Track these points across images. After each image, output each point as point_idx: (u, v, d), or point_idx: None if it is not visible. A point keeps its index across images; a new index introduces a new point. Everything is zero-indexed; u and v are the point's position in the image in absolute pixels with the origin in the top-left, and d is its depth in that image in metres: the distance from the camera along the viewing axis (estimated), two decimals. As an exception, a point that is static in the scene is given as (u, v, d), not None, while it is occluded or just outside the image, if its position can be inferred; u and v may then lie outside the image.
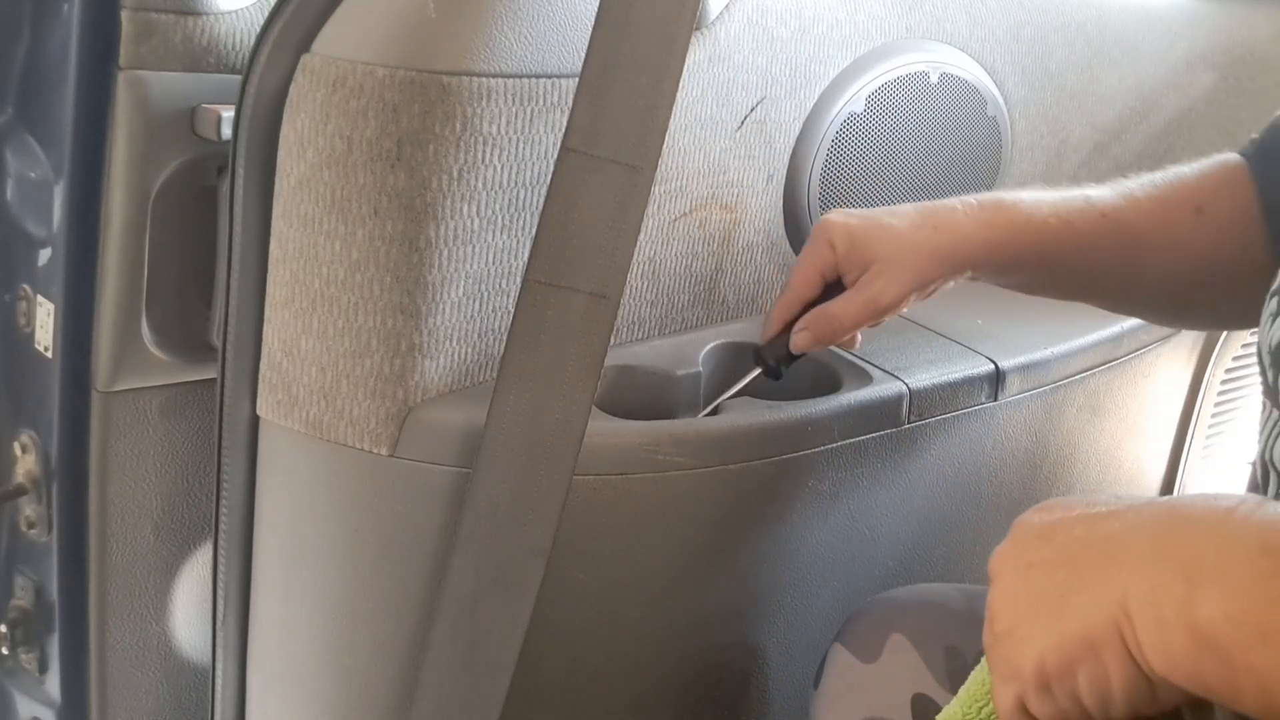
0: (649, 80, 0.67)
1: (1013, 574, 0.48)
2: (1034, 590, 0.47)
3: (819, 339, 0.78)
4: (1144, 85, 1.10)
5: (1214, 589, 0.41)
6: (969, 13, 0.96)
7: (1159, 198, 0.79)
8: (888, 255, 0.76)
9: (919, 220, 0.76)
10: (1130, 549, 0.44)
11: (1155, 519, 0.45)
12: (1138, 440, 1.15)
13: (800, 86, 0.86)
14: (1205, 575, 0.41)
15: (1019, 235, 0.77)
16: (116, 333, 0.78)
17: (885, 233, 0.76)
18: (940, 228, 0.76)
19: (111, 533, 0.83)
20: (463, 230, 0.70)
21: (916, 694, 0.70)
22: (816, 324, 0.78)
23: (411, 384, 0.71)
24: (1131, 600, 0.43)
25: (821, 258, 0.78)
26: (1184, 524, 0.44)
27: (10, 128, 0.79)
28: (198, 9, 0.74)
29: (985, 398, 0.92)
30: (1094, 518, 0.47)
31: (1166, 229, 0.78)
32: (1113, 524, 0.46)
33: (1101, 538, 0.46)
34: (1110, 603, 0.43)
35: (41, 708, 0.89)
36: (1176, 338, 1.11)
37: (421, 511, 0.73)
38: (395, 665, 0.75)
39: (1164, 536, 0.44)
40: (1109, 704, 0.44)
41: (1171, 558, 0.43)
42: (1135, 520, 0.45)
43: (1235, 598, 0.40)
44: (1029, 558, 0.48)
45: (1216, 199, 0.77)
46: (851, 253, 0.76)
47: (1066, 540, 0.47)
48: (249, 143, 0.70)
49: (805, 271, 0.78)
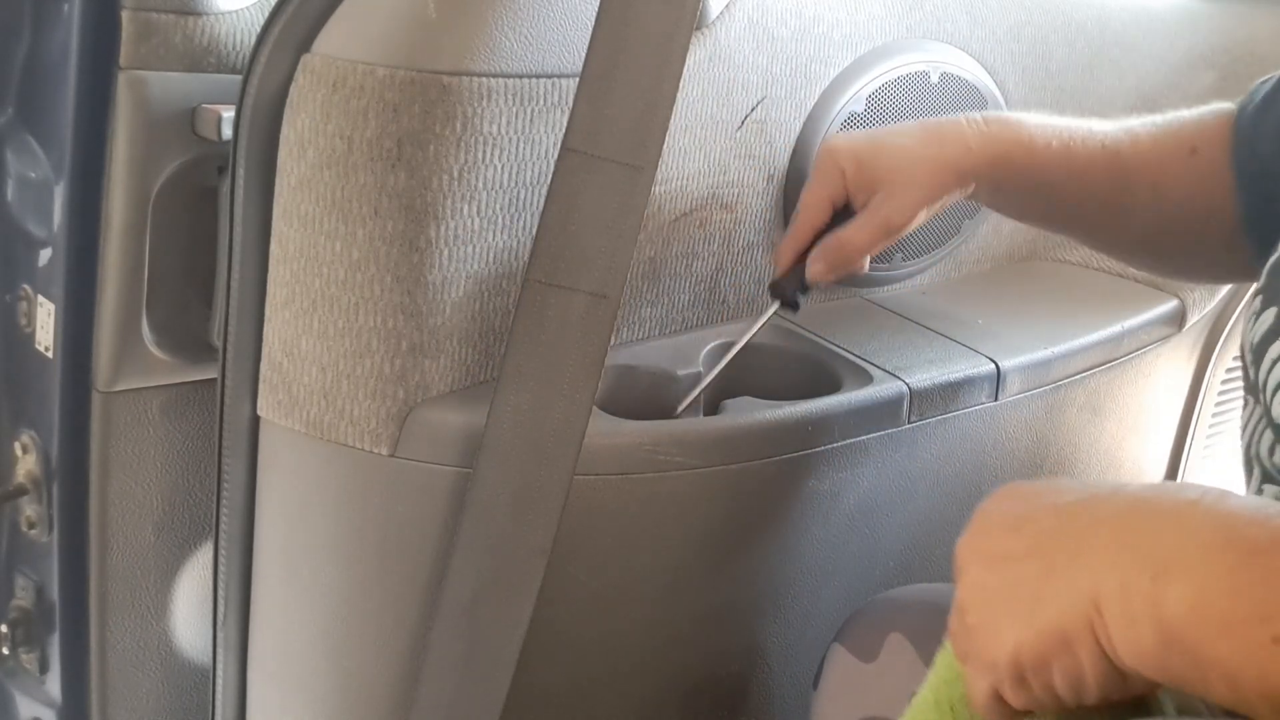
0: (649, 80, 0.67)
1: (982, 566, 0.49)
2: (1006, 584, 0.47)
3: (835, 267, 0.78)
4: (1144, 85, 1.10)
5: (1179, 583, 0.41)
6: (969, 12, 0.96)
7: (1157, 135, 0.80)
8: (896, 174, 0.76)
9: (924, 136, 0.77)
10: (1099, 543, 0.45)
11: (1121, 512, 0.45)
12: (1138, 440, 1.15)
13: (801, 86, 0.86)
14: (1171, 570, 0.42)
15: (1021, 152, 0.77)
16: (117, 333, 0.78)
17: (892, 151, 0.76)
18: (946, 142, 0.77)
19: (112, 533, 0.83)
20: (463, 230, 0.70)
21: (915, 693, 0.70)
22: (831, 252, 0.78)
23: (412, 384, 0.71)
24: (1101, 596, 0.43)
25: (831, 183, 0.77)
26: (1149, 517, 0.44)
27: (11, 128, 0.79)
28: (198, 9, 0.74)
29: (986, 397, 0.92)
30: (1062, 510, 0.47)
31: (1160, 166, 0.79)
32: (1081, 517, 0.46)
33: (1071, 531, 0.46)
34: (1081, 598, 0.44)
35: (42, 708, 0.89)
36: (1177, 338, 1.11)
37: (422, 511, 0.73)
38: (395, 665, 0.75)
39: (1130, 530, 0.44)
40: (1083, 692, 0.45)
41: (1138, 552, 0.43)
42: (1103, 513, 0.46)
43: (1199, 591, 0.41)
44: (998, 550, 0.48)
45: (1210, 143, 0.79)
46: (860, 175, 0.76)
47: (1036, 532, 0.47)
48: (249, 143, 0.70)
49: (814, 199, 0.78)
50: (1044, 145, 0.78)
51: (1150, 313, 1.06)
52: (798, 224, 0.79)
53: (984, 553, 0.49)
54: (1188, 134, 0.80)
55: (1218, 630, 0.40)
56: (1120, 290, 1.07)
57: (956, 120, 0.78)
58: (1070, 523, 0.46)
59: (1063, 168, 0.79)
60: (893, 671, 0.72)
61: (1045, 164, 0.78)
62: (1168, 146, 0.80)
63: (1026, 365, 0.94)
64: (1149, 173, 0.80)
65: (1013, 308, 1.01)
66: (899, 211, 0.76)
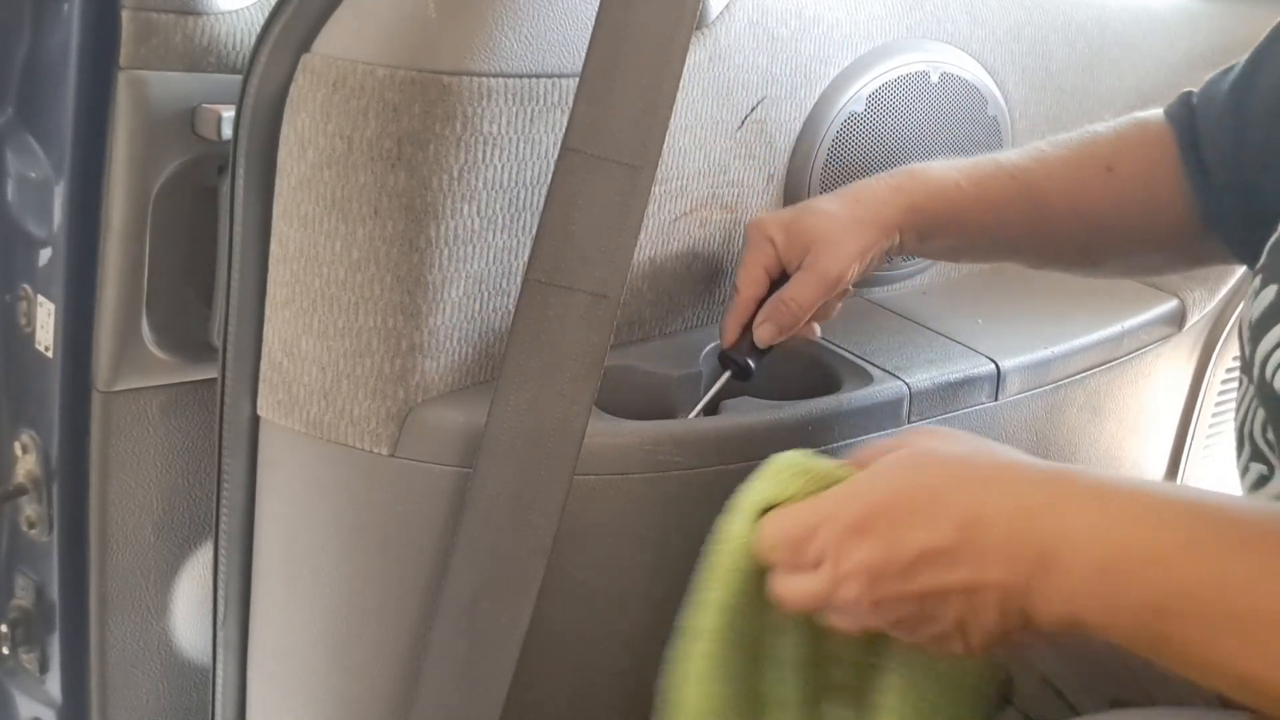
0: (649, 80, 0.67)
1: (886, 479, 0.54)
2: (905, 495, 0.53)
3: (781, 327, 0.79)
4: (1144, 85, 1.10)
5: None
6: (969, 12, 0.96)
7: (1069, 157, 0.83)
8: (825, 234, 0.78)
9: (843, 200, 0.80)
10: (987, 537, 0.50)
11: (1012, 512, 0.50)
12: (1138, 440, 1.15)
13: (801, 86, 0.86)
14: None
15: (933, 198, 0.81)
16: (117, 332, 0.78)
17: (816, 216, 0.79)
18: (860, 200, 0.80)
19: (112, 532, 0.83)
20: (463, 230, 0.70)
21: None
22: (774, 312, 0.79)
23: (412, 384, 0.71)
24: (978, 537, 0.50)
25: (764, 254, 0.80)
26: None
27: (11, 127, 0.79)
28: (198, 9, 0.74)
29: (986, 397, 0.92)
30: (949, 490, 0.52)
31: (1077, 187, 0.82)
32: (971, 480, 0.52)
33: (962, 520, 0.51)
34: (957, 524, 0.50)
35: (42, 708, 0.89)
36: (1177, 338, 1.11)
37: (422, 511, 0.73)
38: (395, 665, 0.75)
39: (1019, 531, 0.50)
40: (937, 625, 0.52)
41: (1023, 554, 0.49)
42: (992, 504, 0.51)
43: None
44: (896, 503, 0.53)
45: (1130, 158, 0.81)
46: (790, 241, 0.79)
47: (933, 505, 0.52)
48: (249, 143, 0.70)
49: (750, 271, 0.80)
50: (954, 187, 0.81)
51: (1150, 313, 1.06)
52: (736, 298, 0.81)
53: (884, 509, 0.53)
54: (1104, 152, 0.82)
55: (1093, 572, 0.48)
56: (1120, 290, 1.07)
57: (869, 182, 0.82)
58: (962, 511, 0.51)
59: (977, 205, 0.81)
60: None
61: (958, 205, 0.81)
62: (1082, 165, 0.82)
63: (1026, 365, 0.94)
64: (1066, 196, 0.82)
65: (1013, 308, 1.01)
66: (833, 263, 0.78)
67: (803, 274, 0.78)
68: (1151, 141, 0.81)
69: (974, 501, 0.51)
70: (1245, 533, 0.46)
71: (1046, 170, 0.82)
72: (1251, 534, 0.46)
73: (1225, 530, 0.47)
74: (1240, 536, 0.46)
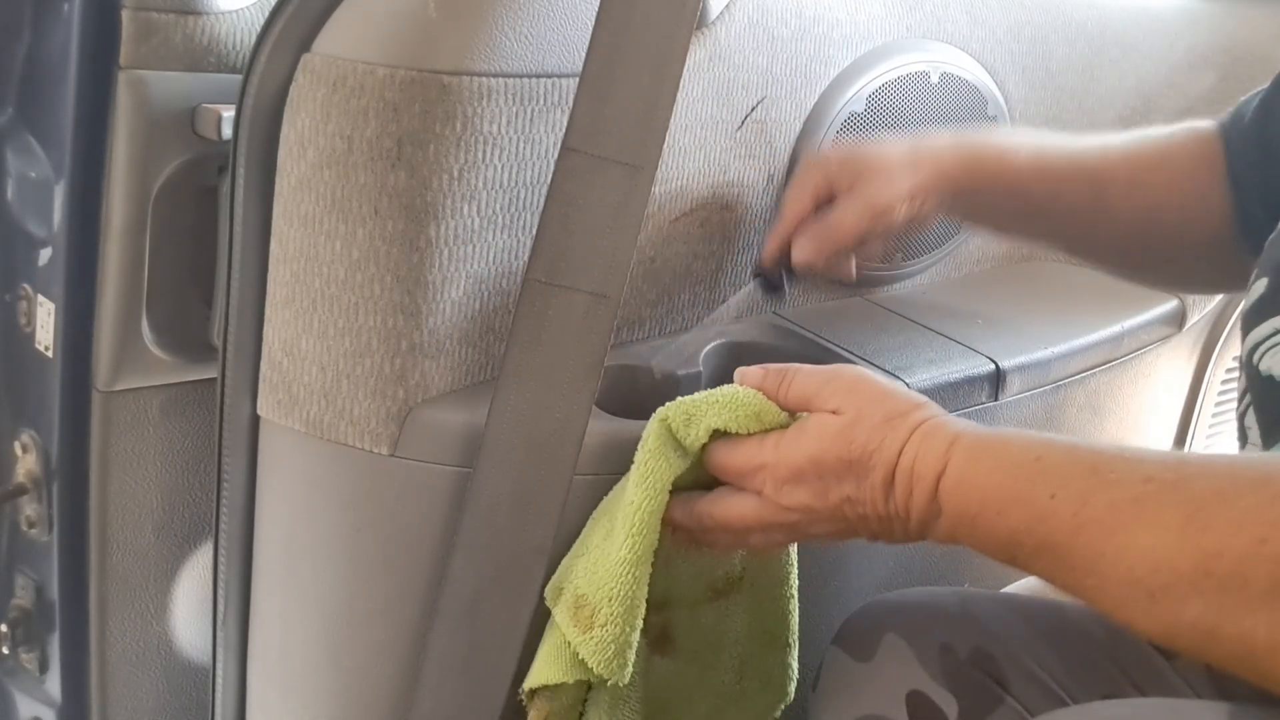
0: (649, 80, 0.67)
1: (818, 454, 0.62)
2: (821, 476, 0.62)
3: (819, 248, 0.79)
4: (1144, 85, 1.10)
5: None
6: (969, 12, 0.96)
7: (1127, 147, 0.84)
8: (878, 164, 0.79)
9: (902, 143, 0.81)
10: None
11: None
12: (1138, 440, 1.15)
13: (801, 86, 0.86)
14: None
15: (992, 155, 0.82)
16: (117, 332, 0.78)
17: (872, 148, 0.80)
18: (922, 145, 0.81)
19: (112, 532, 0.83)
20: (463, 230, 0.70)
21: (911, 691, 0.70)
22: (816, 233, 0.79)
23: (412, 383, 0.71)
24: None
25: (811, 180, 0.80)
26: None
27: (11, 127, 0.79)
28: (198, 9, 0.74)
29: (986, 397, 0.92)
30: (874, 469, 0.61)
31: (1133, 173, 0.83)
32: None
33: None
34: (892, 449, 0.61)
35: (42, 707, 0.89)
36: (1177, 338, 1.11)
37: (422, 511, 0.73)
38: (395, 665, 0.75)
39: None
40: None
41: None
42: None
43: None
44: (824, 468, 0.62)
45: (1182, 156, 0.83)
46: (842, 167, 0.79)
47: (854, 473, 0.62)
48: (249, 142, 0.70)
49: (795, 193, 0.80)
50: (1013, 150, 0.81)
51: (1150, 313, 1.06)
52: (780, 221, 0.81)
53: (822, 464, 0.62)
54: (1160, 147, 0.84)
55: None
56: (1120, 290, 1.07)
57: (931, 136, 0.82)
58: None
59: (1035, 173, 0.81)
60: (887, 669, 0.72)
61: (1018, 169, 0.81)
62: (1140, 157, 0.83)
63: (1026, 365, 0.94)
64: (1122, 181, 0.83)
65: (1013, 308, 1.01)
66: (881, 190, 0.78)
67: (849, 199, 0.78)
68: (1202, 144, 0.83)
69: (887, 459, 0.61)
70: (1116, 490, 0.53)
71: (1104, 154, 0.83)
72: (1118, 484, 0.53)
73: (1094, 483, 0.53)
74: (1104, 484, 0.53)
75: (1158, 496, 0.51)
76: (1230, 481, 0.50)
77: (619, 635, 0.65)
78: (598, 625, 0.65)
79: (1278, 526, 0.48)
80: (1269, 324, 0.64)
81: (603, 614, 0.65)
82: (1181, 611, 0.49)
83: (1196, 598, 0.49)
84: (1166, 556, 0.50)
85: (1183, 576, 0.49)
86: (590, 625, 0.65)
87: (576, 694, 0.71)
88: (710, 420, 0.65)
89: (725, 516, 0.66)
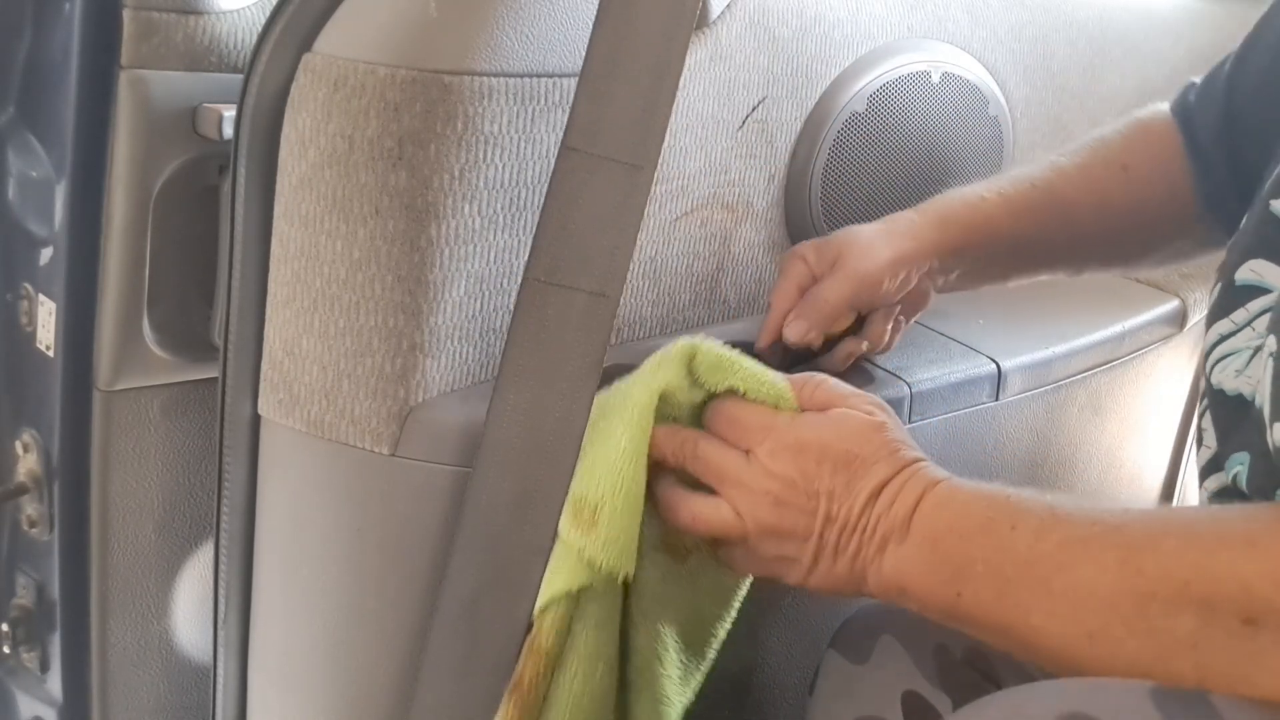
0: (650, 79, 0.67)
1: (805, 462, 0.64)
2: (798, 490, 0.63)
3: (811, 323, 0.80)
4: (1146, 85, 1.10)
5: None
6: (970, 12, 0.96)
7: (1084, 163, 0.86)
8: (855, 241, 0.80)
9: (874, 224, 0.83)
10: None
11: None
12: (1139, 440, 1.15)
13: (802, 86, 0.86)
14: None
15: (962, 209, 0.83)
16: (118, 332, 0.78)
17: (849, 232, 0.81)
18: (891, 219, 0.83)
19: (113, 532, 0.83)
20: (464, 229, 0.70)
21: (907, 691, 0.71)
22: (804, 308, 0.80)
23: (412, 383, 0.71)
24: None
25: (796, 271, 0.81)
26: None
27: (12, 127, 0.79)
28: (199, 8, 0.74)
29: (987, 397, 0.92)
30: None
31: (1097, 188, 0.85)
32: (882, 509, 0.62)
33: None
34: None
35: (43, 707, 0.89)
36: (1178, 338, 1.11)
37: (422, 510, 0.73)
38: (396, 664, 0.75)
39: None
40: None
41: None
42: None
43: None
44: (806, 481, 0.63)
45: (1141, 155, 0.85)
46: (821, 253, 0.80)
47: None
48: (250, 142, 0.70)
49: (782, 286, 0.81)
50: (978, 199, 0.83)
51: (1151, 313, 1.06)
52: (770, 313, 0.82)
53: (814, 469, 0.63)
54: (1116, 153, 0.86)
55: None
56: (1121, 290, 1.07)
57: (898, 213, 0.84)
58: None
59: (1005, 215, 0.83)
60: (884, 670, 0.72)
61: (987, 214, 0.83)
62: (1099, 170, 0.85)
63: (1027, 365, 0.94)
64: (1088, 198, 0.84)
65: (1013, 308, 1.01)
66: (863, 261, 0.79)
67: (833, 274, 0.80)
68: (1158, 135, 0.85)
69: (891, 466, 0.62)
70: (1068, 527, 0.55)
71: (1065, 177, 0.85)
72: (1070, 522, 0.56)
73: (1049, 521, 0.56)
74: (1059, 524, 0.56)
75: (1101, 538, 0.54)
76: (1161, 525, 0.54)
77: (623, 527, 0.66)
78: (600, 523, 0.66)
79: (1199, 569, 0.50)
80: (1214, 330, 0.65)
81: (605, 509, 0.66)
82: (1118, 652, 0.52)
83: (1131, 640, 0.51)
84: (1106, 596, 0.52)
85: (1120, 617, 0.52)
86: (593, 524, 0.66)
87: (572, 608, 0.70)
88: (737, 377, 0.66)
89: (708, 454, 0.66)
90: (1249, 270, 0.64)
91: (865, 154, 0.91)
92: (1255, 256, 0.64)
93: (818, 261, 0.80)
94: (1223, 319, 0.65)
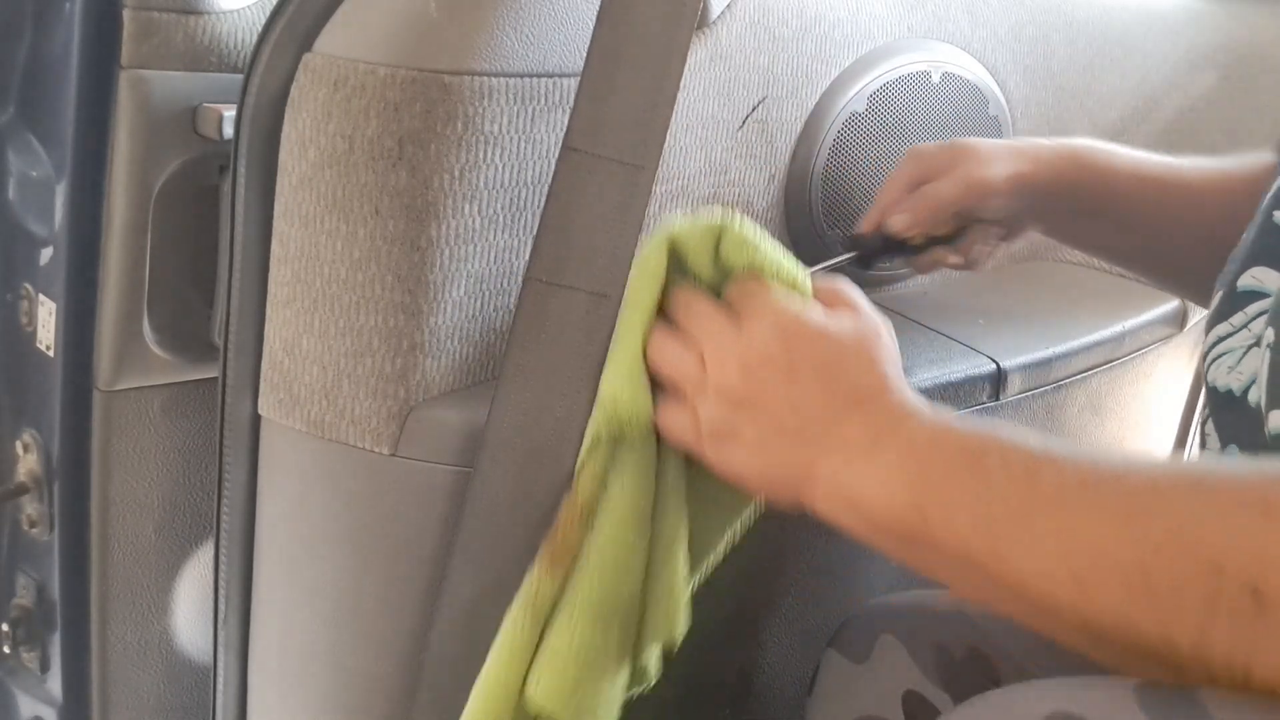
0: (650, 79, 0.67)
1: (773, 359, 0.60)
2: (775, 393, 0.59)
3: (915, 218, 0.79)
4: (1146, 85, 1.10)
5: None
6: (970, 12, 0.96)
7: (1219, 169, 0.84)
8: (975, 149, 0.79)
9: (998, 139, 0.82)
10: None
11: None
12: (1139, 440, 1.15)
13: (802, 86, 0.86)
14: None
15: (1091, 155, 0.81)
16: (118, 332, 0.78)
17: (970, 140, 0.80)
18: (1017, 140, 0.82)
19: (113, 531, 0.83)
20: (464, 229, 0.70)
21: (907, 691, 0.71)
22: (912, 202, 0.79)
23: (413, 383, 0.71)
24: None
25: (908, 167, 0.80)
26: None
27: (12, 127, 0.79)
28: (199, 8, 0.74)
29: (987, 397, 0.92)
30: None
31: (1229, 189, 0.82)
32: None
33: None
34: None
35: (43, 707, 0.89)
36: (1178, 338, 1.11)
37: (423, 510, 0.73)
38: (395, 665, 0.75)
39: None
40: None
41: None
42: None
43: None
44: (784, 365, 0.59)
45: (1256, 181, 0.81)
46: (941, 152, 0.80)
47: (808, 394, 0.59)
48: (250, 142, 0.70)
49: (894, 179, 0.81)
50: (1111, 153, 0.81)
51: (1151, 313, 1.06)
52: (878, 198, 0.81)
53: (779, 358, 0.60)
54: (1246, 172, 0.83)
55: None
56: (1121, 290, 1.07)
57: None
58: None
59: (1133, 179, 0.81)
60: (883, 669, 0.72)
61: (1117, 171, 0.81)
62: (1231, 178, 0.83)
63: (1027, 365, 0.94)
64: (1215, 196, 0.82)
65: (1013, 308, 1.01)
66: (978, 168, 0.78)
67: (948, 175, 0.79)
68: (1267, 170, 0.82)
69: (855, 387, 0.59)
70: (1066, 464, 0.50)
71: (1201, 172, 0.83)
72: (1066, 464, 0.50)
73: (1044, 457, 0.51)
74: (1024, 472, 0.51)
75: (1101, 484, 0.49)
76: (1168, 477, 0.48)
77: (629, 367, 0.65)
78: (615, 362, 0.66)
79: (1211, 528, 0.45)
80: (1213, 333, 0.65)
81: (618, 350, 0.66)
82: (1107, 605, 0.47)
83: (1124, 593, 0.46)
84: (1102, 541, 0.47)
85: (1116, 564, 0.46)
86: (614, 366, 0.67)
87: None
88: (759, 256, 0.64)
89: (699, 307, 0.63)
90: (1250, 277, 0.64)
91: (865, 154, 0.91)
92: (1257, 264, 0.64)
93: (936, 159, 0.80)
94: (1222, 323, 0.64)
